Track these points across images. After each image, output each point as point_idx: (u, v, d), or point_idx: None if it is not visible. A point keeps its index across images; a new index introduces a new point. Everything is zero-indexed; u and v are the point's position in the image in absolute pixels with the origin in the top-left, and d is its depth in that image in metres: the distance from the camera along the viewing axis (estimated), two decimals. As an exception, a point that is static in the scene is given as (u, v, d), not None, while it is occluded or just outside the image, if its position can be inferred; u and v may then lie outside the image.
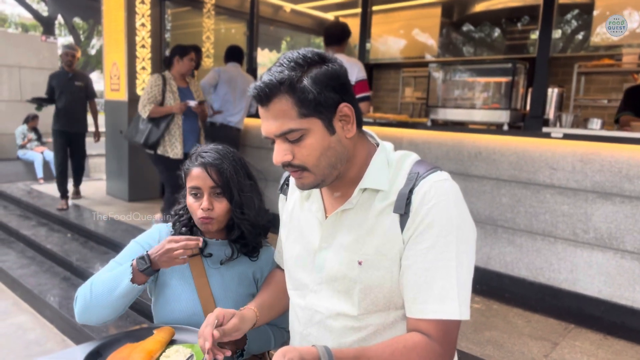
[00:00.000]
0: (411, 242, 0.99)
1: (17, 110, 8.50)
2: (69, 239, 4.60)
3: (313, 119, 0.97)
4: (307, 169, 1.00)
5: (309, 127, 0.97)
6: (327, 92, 0.97)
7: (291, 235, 1.20)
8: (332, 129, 1.00)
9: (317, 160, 0.99)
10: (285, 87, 0.95)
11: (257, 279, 1.49)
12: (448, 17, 6.75)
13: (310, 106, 0.96)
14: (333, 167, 1.02)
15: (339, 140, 1.01)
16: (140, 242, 1.46)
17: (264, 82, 0.96)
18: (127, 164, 5.62)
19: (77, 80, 5.53)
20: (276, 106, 0.97)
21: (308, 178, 1.02)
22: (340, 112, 1.00)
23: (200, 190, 1.37)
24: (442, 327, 0.96)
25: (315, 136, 0.98)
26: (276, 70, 0.97)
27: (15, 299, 3.81)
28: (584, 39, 6.06)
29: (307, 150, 0.98)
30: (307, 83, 0.96)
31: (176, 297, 1.39)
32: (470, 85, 4.01)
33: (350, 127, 1.02)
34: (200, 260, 1.43)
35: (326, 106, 0.98)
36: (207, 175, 1.36)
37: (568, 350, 2.61)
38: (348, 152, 1.04)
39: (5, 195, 6.29)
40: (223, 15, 7.03)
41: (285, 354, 0.88)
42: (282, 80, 0.95)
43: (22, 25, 22.20)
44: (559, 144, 3.12)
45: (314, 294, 1.12)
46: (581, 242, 3.07)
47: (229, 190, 1.39)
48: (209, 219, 1.37)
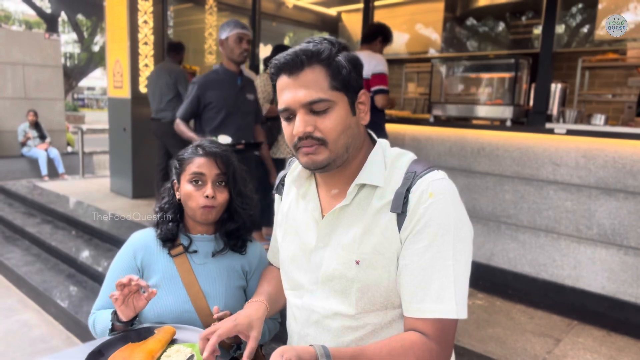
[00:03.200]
0: (408, 242, 0.99)
1: (21, 108, 8.52)
2: (73, 236, 4.62)
3: (341, 94, 1.01)
4: (326, 143, 1.01)
5: (337, 100, 1.00)
6: (355, 74, 1.02)
7: (287, 235, 1.20)
8: (354, 110, 1.04)
9: (337, 136, 1.01)
10: (323, 58, 0.99)
11: (246, 271, 1.50)
12: (451, 12, 6.70)
13: (342, 81, 1.00)
14: (347, 148, 1.03)
15: (357, 123, 1.05)
16: (122, 260, 1.47)
17: (301, 49, 0.99)
18: (130, 161, 5.64)
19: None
20: (308, 75, 0.99)
21: (323, 154, 1.01)
22: (360, 98, 1.05)
23: (205, 177, 1.39)
24: (439, 326, 0.96)
25: (340, 111, 1.00)
26: (311, 43, 1.01)
27: (21, 296, 3.84)
28: (588, 33, 6.01)
29: (332, 123, 1.00)
30: (342, 59, 1.00)
31: (165, 296, 1.39)
32: (473, 80, 3.99)
33: (365, 116, 1.06)
34: (186, 258, 1.44)
35: (353, 86, 1.02)
36: (214, 164, 1.39)
37: (571, 346, 2.61)
38: (361, 139, 1.07)
39: (10, 193, 6.32)
40: (225, 11, 7.01)
41: (282, 354, 0.88)
42: (321, 50, 0.99)
43: (26, 23, 22.25)
44: (563, 140, 3.11)
45: (310, 294, 1.12)
46: (585, 239, 3.06)
47: (233, 181, 1.42)
48: (211, 207, 1.39)
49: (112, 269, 1.48)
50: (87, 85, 37.98)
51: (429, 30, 6.78)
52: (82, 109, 27.44)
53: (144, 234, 1.51)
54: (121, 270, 1.45)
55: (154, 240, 1.48)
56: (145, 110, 5.46)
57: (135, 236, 1.52)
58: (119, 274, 1.44)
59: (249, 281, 1.50)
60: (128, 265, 1.45)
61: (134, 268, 1.45)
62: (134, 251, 1.47)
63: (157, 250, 1.46)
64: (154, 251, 1.46)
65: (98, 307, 1.46)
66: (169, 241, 1.45)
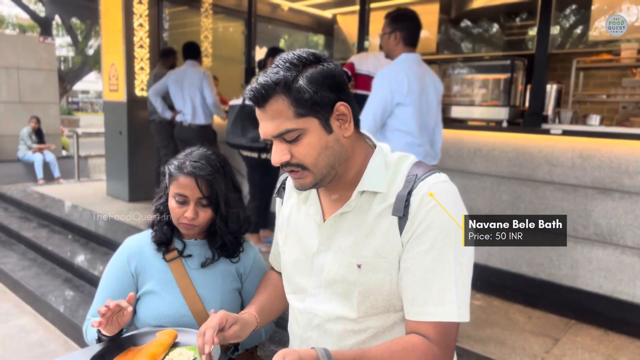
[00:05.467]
0: (410, 245, 0.99)
1: (16, 112, 8.49)
2: (69, 240, 4.60)
3: (310, 118, 0.98)
4: (306, 167, 1.00)
5: (305, 126, 0.98)
6: (323, 91, 0.98)
7: (289, 239, 1.19)
8: (330, 128, 1.00)
9: (315, 160, 0.99)
10: (281, 88, 0.96)
11: (240, 274, 1.49)
12: (446, 14, 6.73)
13: (307, 105, 0.96)
14: (332, 166, 1.02)
15: (336, 140, 1.01)
16: (116, 266, 1.46)
17: (260, 83, 0.97)
18: (126, 164, 5.62)
19: None
20: (272, 107, 0.97)
21: (307, 178, 1.02)
22: (337, 111, 1.00)
23: (187, 199, 1.36)
24: (441, 329, 0.96)
25: (312, 135, 0.98)
26: (272, 71, 0.98)
27: (17, 301, 3.82)
28: (582, 34, 6.05)
29: (305, 149, 0.99)
30: (302, 83, 0.96)
31: (161, 301, 1.39)
32: (469, 82, 4.01)
33: (348, 126, 1.02)
34: (181, 262, 1.43)
35: (322, 105, 0.98)
36: (197, 187, 1.35)
37: (569, 346, 2.62)
38: (347, 152, 1.04)
39: (5, 197, 6.28)
40: (221, 14, 7.01)
41: (284, 356, 0.89)
42: (278, 80, 0.96)
43: (20, 26, 22.14)
44: (559, 141, 3.12)
45: (312, 298, 1.12)
46: (581, 238, 3.07)
47: (216, 203, 1.39)
48: (191, 226, 1.38)
49: (106, 275, 1.46)
50: (82, 88, 37.81)
51: (424, 33, 6.79)
52: (77, 113, 27.32)
53: (137, 239, 1.49)
54: (115, 276, 1.43)
55: (148, 245, 1.46)
56: (141, 114, 5.46)
57: (128, 242, 1.50)
58: (113, 280, 1.43)
59: (243, 283, 1.50)
60: (122, 272, 1.43)
61: (128, 274, 1.43)
62: (128, 257, 1.45)
63: (152, 255, 1.45)
64: (148, 256, 1.45)
65: (92, 315, 1.44)
66: (164, 245, 1.44)
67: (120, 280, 1.43)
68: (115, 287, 1.42)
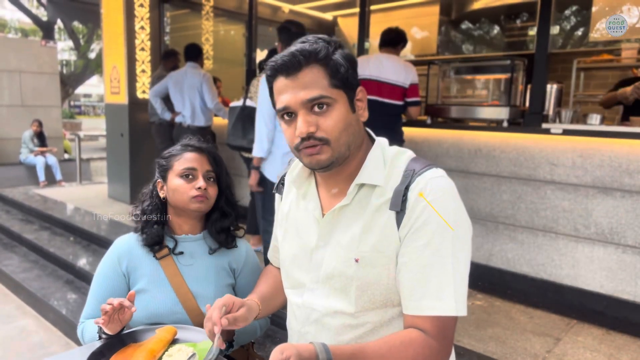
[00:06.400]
0: (407, 239, 0.99)
1: (18, 115, 8.52)
2: (71, 242, 4.61)
3: (341, 92, 1.01)
4: (328, 142, 1.00)
5: (337, 98, 1.00)
6: (352, 71, 1.02)
7: (288, 235, 1.20)
8: (354, 107, 1.04)
9: (339, 134, 1.00)
10: (321, 57, 0.99)
11: (233, 269, 1.50)
12: (446, 15, 6.74)
13: (342, 79, 1.00)
14: (348, 146, 1.03)
15: (357, 121, 1.05)
16: (108, 265, 1.46)
17: (298, 50, 0.98)
18: (128, 166, 5.64)
19: None
20: (307, 75, 0.99)
21: (326, 153, 1.01)
22: (358, 95, 1.05)
23: (196, 172, 1.40)
24: (439, 323, 0.96)
25: (340, 109, 1.01)
26: (307, 43, 1.00)
27: (19, 303, 3.82)
28: (583, 35, 6.05)
29: (333, 121, 1.00)
30: (339, 56, 1.00)
31: (153, 299, 1.38)
32: (469, 82, 4.01)
33: (363, 112, 1.06)
34: (172, 260, 1.43)
35: (351, 84, 1.02)
36: (205, 160, 1.42)
37: (571, 345, 2.61)
38: (361, 137, 1.07)
39: (7, 200, 6.30)
40: (222, 17, 7.04)
41: (283, 351, 0.88)
42: (318, 50, 0.99)
43: (22, 30, 22.23)
44: (559, 140, 3.12)
45: (311, 292, 1.12)
46: (582, 238, 3.07)
47: (221, 177, 1.46)
48: (203, 197, 1.40)
49: (97, 276, 1.46)
50: (84, 92, 37.93)
51: (424, 34, 6.82)
52: (79, 116, 27.39)
53: (127, 239, 1.49)
54: (106, 277, 1.44)
55: (138, 244, 1.46)
56: (143, 116, 5.47)
57: (118, 242, 1.50)
58: (104, 281, 1.43)
59: (237, 279, 1.50)
60: (113, 272, 1.43)
61: (119, 274, 1.43)
62: (119, 257, 1.45)
63: (142, 253, 1.44)
64: (138, 255, 1.44)
65: (86, 316, 1.45)
66: (156, 244, 1.44)
67: (112, 280, 1.43)
68: (106, 287, 1.42)
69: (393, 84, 3.50)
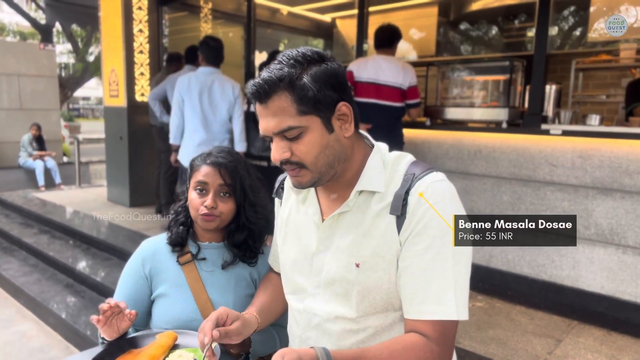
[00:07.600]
0: (408, 244, 0.99)
1: (17, 119, 8.53)
2: (71, 246, 4.60)
3: (312, 116, 0.98)
4: (305, 166, 1.00)
5: (307, 124, 0.98)
6: (326, 90, 0.98)
7: (288, 239, 1.19)
8: (331, 128, 1.00)
9: (315, 158, 0.99)
10: (285, 84, 0.95)
11: (254, 279, 1.48)
12: (445, 16, 6.75)
13: (310, 104, 0.96)
14: (330, 165, 1.02)
15: (337, 139, 1.01)
16: (133, 268, 1.46)
17: (263, 79, 0.96)
18: (127, 170, 5.63)
19: None
20: (275, 103, 0.97)
21: (305, 176, 1.02)
22: (339, 111, 1.00)
23: (207, 186, 1.38)
24: (440, 327, 0.96)
25: (313, 134, 0.98)
26: (275, 67, 0.98)
27: (19, 307, 3.82)
28: (581, 35, 6.06)
29: (306, 147, 0.98)
30: (306, 80, 0.96)
31: (173, 305, 1.39)
32: (468, 83, 4.01)
33: (348, 127, 1.02)
34: (194, 266, 1.43)
35: (325, 104, 0.98)
36: (218, 174, 1.38)
37: (572, 346, 2.61)
38: (346, 152, 1.04)
39: (6, 204, 6.29)
40: (220, 19, 7.04)
41: (283, 356, 0.88)
42: (282, 77, 0.96)
43: (20, 34, 22.22)
44: (558, 141, 3.12)
45: (312, 298, 1.11)
46: (583, 239, 3.07)
47: (240, 191, 1.41)
48: (211, 217, 1.38)
49: (121, 278, 1.47)
50: (83, 95, 37.91)
51: (422, 36, 6.82)
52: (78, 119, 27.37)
53: (153, 242, 1.51)
54: (129, 278, 1.45)
55: (163, 248, 1.47)
56: (142, 119, 5.47)
57: (145, 244, 1.51)
58: (127, 283, 1.45)
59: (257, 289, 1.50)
60: (136, 274, 1.45)
61: (141, 277, 1.44)
62: (143, 260, 1.46)
63: (166, 258, 1.45)
64: (162, 259, 1.45)
65: None
66: (179, 246, 1.45)
67: (135, 282, 1.44)
68: (129, 289, 1.43)
69: (391, 86, 3.50)
